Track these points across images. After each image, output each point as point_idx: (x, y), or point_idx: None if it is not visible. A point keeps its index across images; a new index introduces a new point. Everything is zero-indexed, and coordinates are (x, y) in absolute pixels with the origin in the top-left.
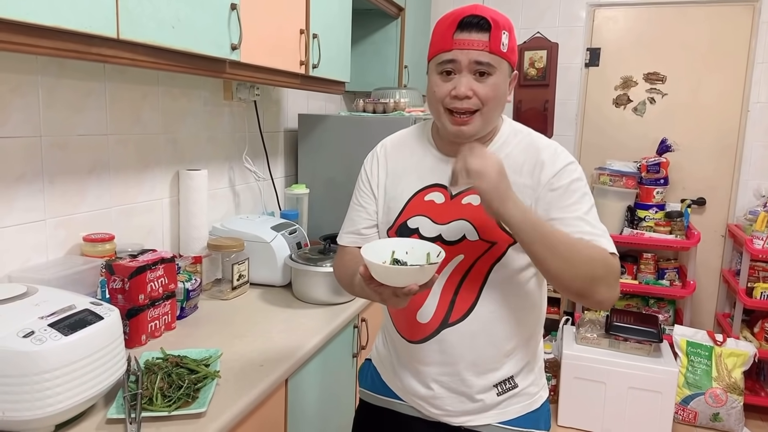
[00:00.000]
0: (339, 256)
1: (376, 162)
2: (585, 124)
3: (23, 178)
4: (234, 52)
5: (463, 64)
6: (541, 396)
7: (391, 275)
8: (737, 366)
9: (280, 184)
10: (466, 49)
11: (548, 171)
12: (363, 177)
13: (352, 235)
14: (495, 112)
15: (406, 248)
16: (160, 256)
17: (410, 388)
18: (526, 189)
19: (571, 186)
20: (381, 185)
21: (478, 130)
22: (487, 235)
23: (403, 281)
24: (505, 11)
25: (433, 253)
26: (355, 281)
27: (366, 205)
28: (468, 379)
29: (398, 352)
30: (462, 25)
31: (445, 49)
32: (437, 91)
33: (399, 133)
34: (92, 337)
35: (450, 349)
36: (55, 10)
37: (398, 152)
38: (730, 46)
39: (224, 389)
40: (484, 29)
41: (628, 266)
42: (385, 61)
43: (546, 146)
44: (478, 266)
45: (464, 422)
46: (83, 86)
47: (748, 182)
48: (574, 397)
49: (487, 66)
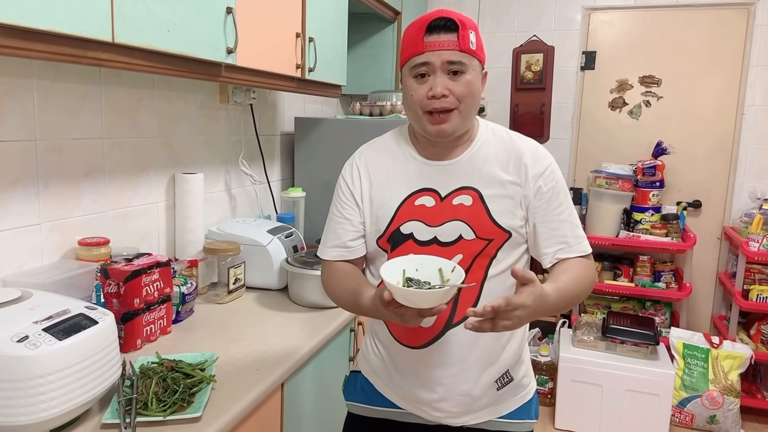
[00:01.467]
0: (328, 273)
1: (357, 172)
2: (581, 127)
3: (18, 182)
4: (230, 55)
5: (436, 65)
6: (532, 387)
7: (418, 298)
8: (734, 368)
9: (277, 187)
10: (437, 50)
11: (533, 171)
12: (343, 188)
13: (337, 249)
14: (472, 109)
15: (415, 265)
16: (156, 260)
17: (413, 395)
18: (512, 186)
19: (556, 188)
20: (365, 195)
21: (456, 127)
22: (483, 233)
23: (431, 303)
24: (502, 14)
25: (445, 268)
26: (362, 302)
27: (350, 216)
28: (472, 376)
29: (396, 361)
30: (430, 28)
31: (417, 52)
32: (414, 95)
33: (375, 140)
34: (87, 342)
35: (455, 349)
36: (50, 14)
37: (379, 160)
38: (725, 49)
39: (220, 394)
40: (452, 30)
41: (625, 269)
42: (381, 65)
43: (527, 144)
44: (477, 264)
45: (465, 422)
46: (78, 90)
47: (743, 185)
48: (571, 400)
49: (459, 64)
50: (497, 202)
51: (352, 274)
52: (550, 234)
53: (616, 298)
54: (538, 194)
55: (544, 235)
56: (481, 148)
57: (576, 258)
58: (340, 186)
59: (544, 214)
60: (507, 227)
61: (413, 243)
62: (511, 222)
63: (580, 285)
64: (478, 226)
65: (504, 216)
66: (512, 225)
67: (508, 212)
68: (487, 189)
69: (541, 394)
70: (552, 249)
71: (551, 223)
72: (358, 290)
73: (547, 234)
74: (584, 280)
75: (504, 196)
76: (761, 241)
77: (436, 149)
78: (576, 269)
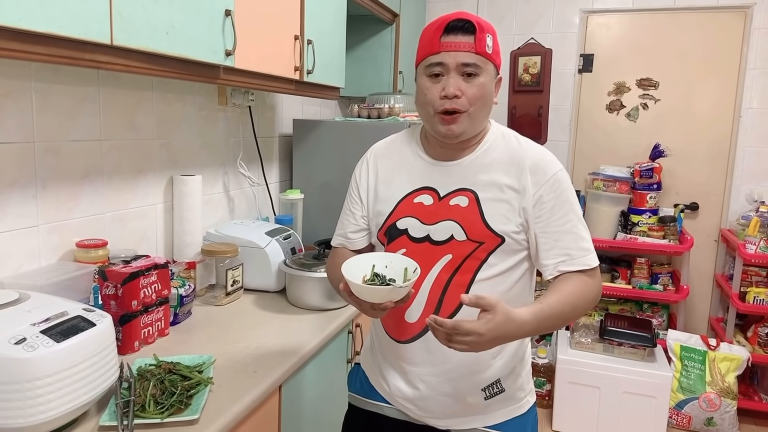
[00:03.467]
0: (331, 255)
1: (366, 168)
2: (578, 129)
3: (16, 184)
4: (228, 58)
5: (450, 66)
6: (528, 401)
7: (365, 292)
8: (731, 370)
9: (275, 189)
10: (453, 50)
11: (536, 179)
12: (353, 183)
13: (340, 238)
14: (482, 112)
15: (386, 262)
16: (154, 262)
17: (397, 390)
18: (511, 191)
19: (560, 197)
20: (370, 190)
21: (465, 129)
22: (474, 235)
23: (378, 298)
24: (500, 17)
25: (410, 268)
26: (340, 288)
27: (354, 210)
28: (454, 379)
29: (385, 353)
30: (448, 29)
31: (433, 51)
32: (427, 94)
33: (389, 138)
34: (84, 344)
35: (437, 348)
36: (49, 16)
37: (387, 157)
38: (722, 52)
39: (217, 396)
40: (469, 32)
41: (622, 271)
42: (380, 67)
43: (534, 152)
44: (466, 265)
45: (450, 425)
46: (77, 92)
47: (740, 187)
48: (568, 402)
49: (473, 67)
50: (493, 206)
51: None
52: (551, 245)
53: (614, 300)
54: (539, 204)
55: (545, 245)
56: (487, 152)
57: (577, 273)
58: (352, 180)
59: (546, 225)
60: (500, 232)
61: (407, 239)
62: (504, 227)
63: (572, 305)
64: (470, 227)
65: (498, 220)
66: (506, 230)
67: (503, 217)
68: (485, 192)
69: (539, 396)
70: (553, 261)
71: (553, 234)
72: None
73: (548, 245)
74: (577, 300)
75: (501, 201)
76: (758, 243)
77: (444, 150)
78: (570, 287)
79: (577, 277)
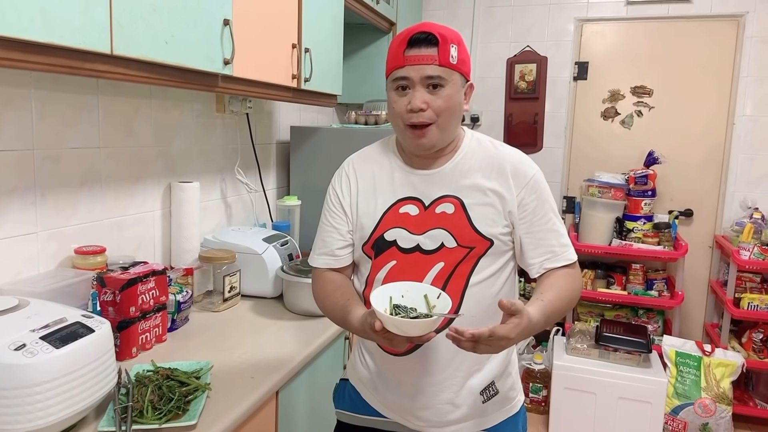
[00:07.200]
0: (318, 282)
1: (346, 180)
2: (574, 136)
3: (15, 191)
4: (226, 66)
5: (415, 79)
6: (519, 399)
7: (408, 327)
8: (726, 376)
9: (272, 195)
10: (417, 64)
11: (517, 182)
12: (332, 197)
13: (325, 257)
14: (451, 122)
15: (401, 292)
16: (152, 269)
17: (395, 403)
18: (492, 194)
19: (540, 198)
20: (353, 203)
21: (435, 141)
22: (464, 241)
23: (420, 331)
24: (495, 25)
25: (430, 294)
26: (351, 321)
27: (338, 225)
28: (454, 384)
29: (380, 368)
30: (412, 42)
31: (398, 65)
32: (395, 107)
33: (364, 150)
34: (83, 350)
35: (437, 357)
36: (50, 26)
37: (367, 168)
38: (715, 60)
39: (215, 402)
40: (432, 44)
41: (617, 277)
42: (376, 74)
43: (512, 155)
44: (458, 272)
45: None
46: (76, 100)
47: (734, 194)
48: (564, 408)
49: (438, 79)
50: (478, 211)
51: (342, 287)
52: (536, 244)
53: (609, 306)
54: (522, 206)
55: (530, 245)
56: (465, 158)
57: (562, 268)
58: (329, 195)
59: (529, 225)
60: (489, 235)
61: (396, 250)
62: (492, 230)
63: (566, 299)
64: (460, 234)
65: (485, 224)
66: (494, 233)
67: (490, 220)
68: (469, 197)
69: (535, 401)
70: (539, 259)
71: (537, 234)
72: (348, 308)
73: (533, 244)
74: (569, 294)
75: (485, 204)
76: (752, 249)
77: (421, 159)
78: (562, 283)
79: (564, 272)
